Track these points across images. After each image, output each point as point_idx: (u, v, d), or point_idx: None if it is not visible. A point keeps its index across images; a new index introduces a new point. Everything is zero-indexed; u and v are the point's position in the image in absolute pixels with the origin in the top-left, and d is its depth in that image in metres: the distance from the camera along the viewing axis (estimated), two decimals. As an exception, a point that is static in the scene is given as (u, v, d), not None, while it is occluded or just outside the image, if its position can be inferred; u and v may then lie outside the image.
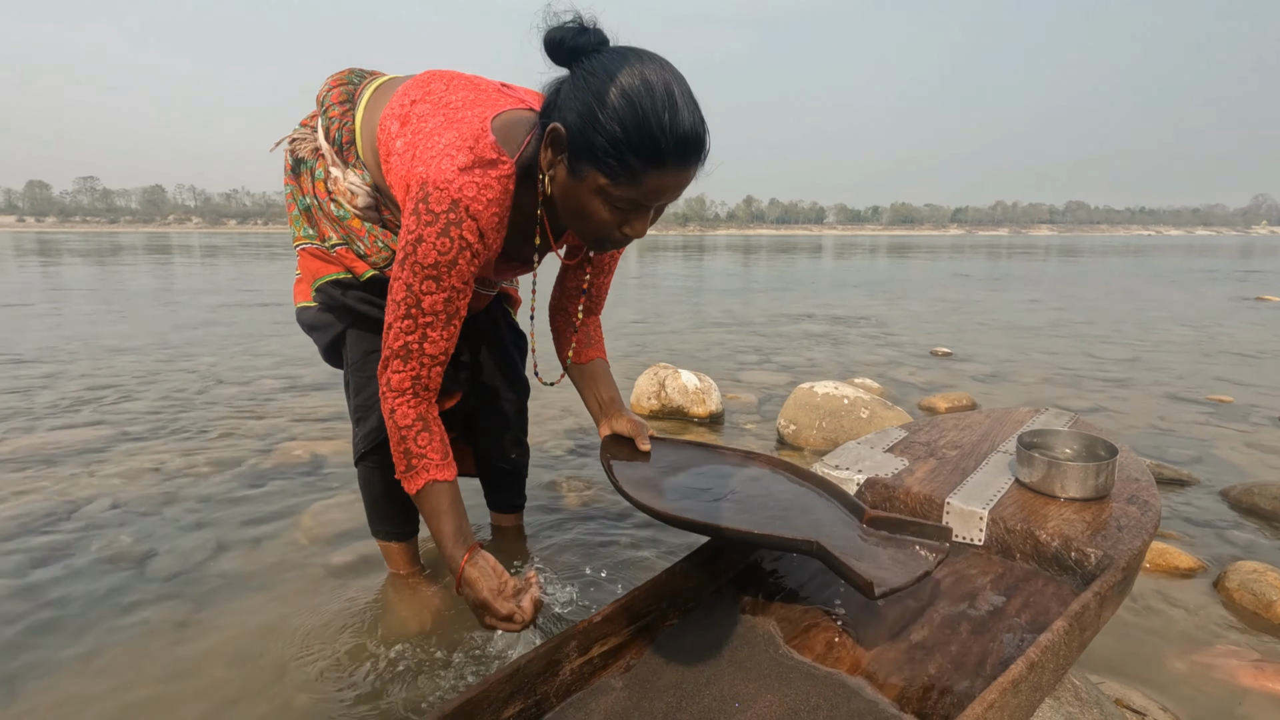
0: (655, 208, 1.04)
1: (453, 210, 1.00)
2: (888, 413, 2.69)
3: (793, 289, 10.16)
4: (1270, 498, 2.10)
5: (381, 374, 1.11)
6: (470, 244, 1.03)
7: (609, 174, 0.96)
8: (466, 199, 1.01)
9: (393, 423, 1.11)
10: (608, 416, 1.39)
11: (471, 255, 1.04)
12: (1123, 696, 1.22)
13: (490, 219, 1.04)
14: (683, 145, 0.95)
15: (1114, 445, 1.42)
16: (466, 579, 1.07)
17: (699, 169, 1.01)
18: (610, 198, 0.99)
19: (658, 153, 0.94)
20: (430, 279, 1.03)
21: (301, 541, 1.84)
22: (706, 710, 0.97)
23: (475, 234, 1.03)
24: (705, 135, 0.98)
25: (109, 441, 2.64)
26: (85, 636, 1.41)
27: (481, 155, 1.03)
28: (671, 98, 0.94)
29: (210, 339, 5.12)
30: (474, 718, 0.90)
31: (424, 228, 1.01)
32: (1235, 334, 5.82)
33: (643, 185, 0.97)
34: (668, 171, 0.96)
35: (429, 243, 1.01)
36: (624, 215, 1.02)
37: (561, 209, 1.07)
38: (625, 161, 0.95)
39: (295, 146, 1.35)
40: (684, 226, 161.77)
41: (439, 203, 1.00)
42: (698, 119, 0.97)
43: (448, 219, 1.00)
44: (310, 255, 1.37)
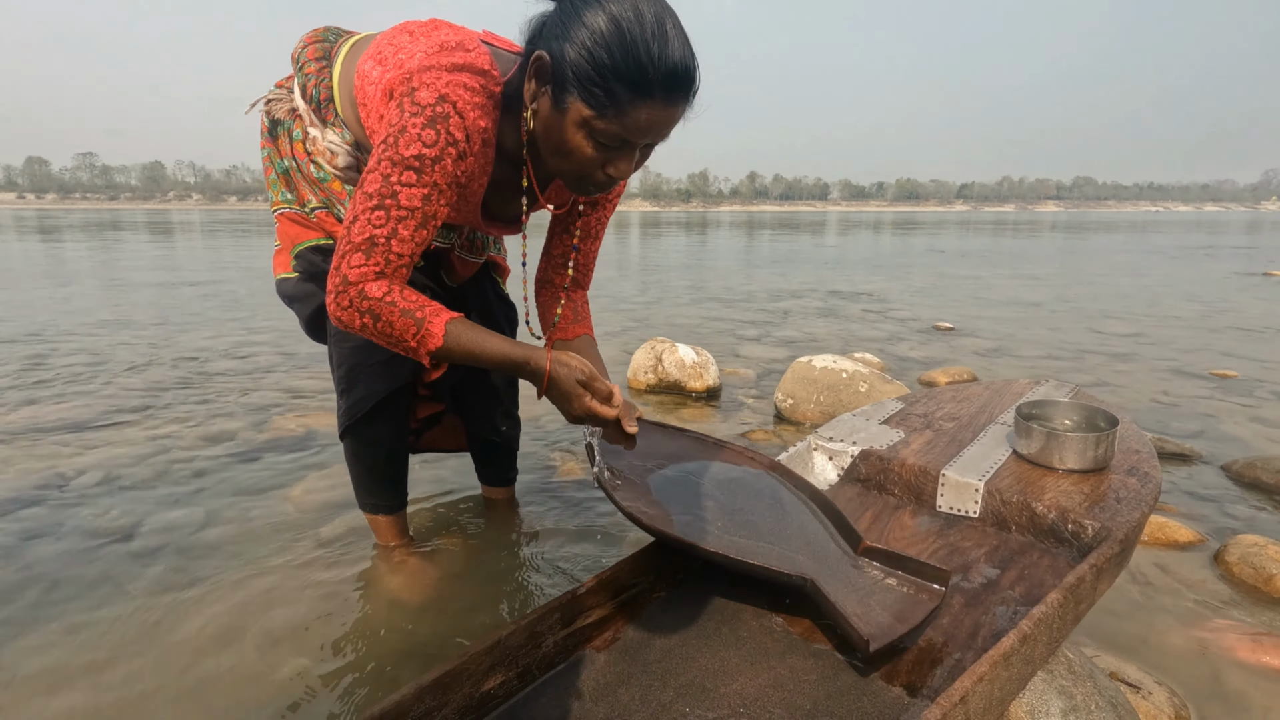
0: (641, 149, 1.00)
1: (440, 104, 0.95)
2: (887, 386, 2.66)
3: (795, 265, 10.07)
4: (1273, 471, 2.07)
5: (334, 273, 0.98)
6: (457, 142, 0.97)
7: (594, 104, 0.92)
8: (454, 95, 0.96)
9: (365, 306, 0.97)
10: None
11: (457, 155, 0.98)
12: (1118, 670, 1.20)
13: (477, 123, 0.99)
14: (671, 77, 0.91)
15: (1114, 416, 1.39)
16: (556, 375, 1.03)
17: (687, 107, 0.97)
18: (594, 132, 0.95)
19: (645, 83, 0.90)
20: (411, 170, 0.96)
21: (292, 514, 1.83)
22: (692, 683, 0.95)
23: (462, 131, 0.97)
24: (695, 70, 0.94)
25: (101, 415, 2.63)
26: (73, 608, 1.41)
27: (473, 62, 0.99)
28: (662, 27, 0.90)
29: (207, 314, 5.10)
30: (453, 690, 0.88)
31: (408, 118, 0.95)
32: (1242, 309, 5.75)
33: (628, 119, 0.93)
34: (654, 104, 0.92)
35: (412, 133, 0.95)
36: (608, 153, 0.98)
37: (544, 146, 1.02)
38: (611, 91, 0.91)
39: (271, 108, 1.30)
40: (687, 202, 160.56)
41: (427, 95, 0.95)
42: (688, 53, 0.93)
43: (435, 111, 0.95)
44: (289, 220, 1.33)
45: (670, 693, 0.93)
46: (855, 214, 72.41)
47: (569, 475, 2.09)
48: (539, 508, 1.86)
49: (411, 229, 0.99)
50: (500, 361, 1.04)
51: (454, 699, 0.87)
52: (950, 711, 0.76)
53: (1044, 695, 0.98)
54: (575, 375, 1.05)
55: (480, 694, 0.91)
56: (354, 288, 0.98)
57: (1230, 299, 6.39)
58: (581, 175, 1.02)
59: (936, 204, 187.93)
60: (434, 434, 1.72)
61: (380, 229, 0.97)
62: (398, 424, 1.46)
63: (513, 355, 1.04)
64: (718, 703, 0.91)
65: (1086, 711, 0.97)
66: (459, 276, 1.47)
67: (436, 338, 1.00)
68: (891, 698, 0.91)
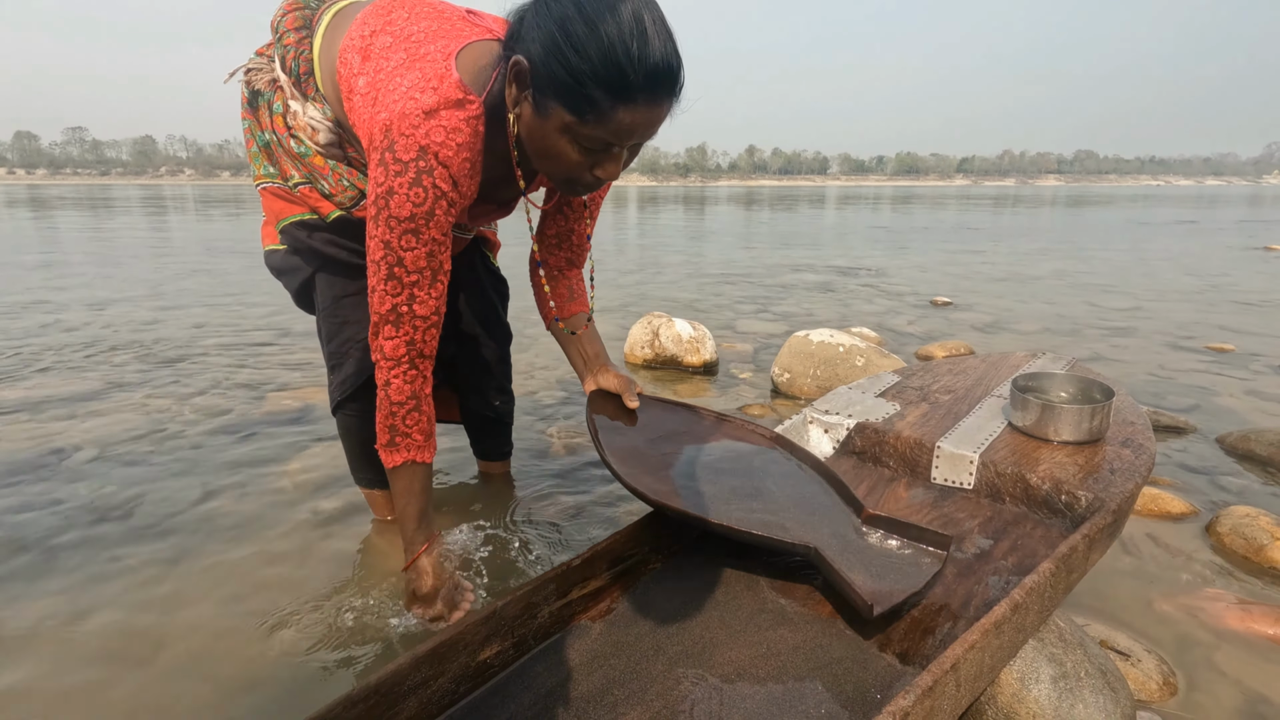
0: (628, 148, 0.97)
1: (421, 158, 0.94)
2: (884, 361, 2.66)
3: (793, 240, 10.01)
4: (1267, 444, 2.08)
5: (373, 341, 1.06)
6: (445, 193, 0.97)
7: (575, 110, 0.90)
8: (435, 145, 0.94)
9: (385, 395, 1.08)
10: (593, 372, 1.34)
11: (448, 205, 0.99)
12: (1108, 638, 1.22)
13: (462, 165, 0.98)
14: (653, 78, 0.88)
15: (1110, 388, 1.38)
16: (419, 567, 1.13)
17: (673, 104, 0.94)
18: (578, 136, 0.93)
19: (625, 86, 0.87)
20: (409, 233, 0.98)
21: (289, 488, 1.83)
22: (686, 653, 0.96)
23: (448, 182, 0.97)
24: (678, 67, 0.91)
25: (97, 391, 2.62)
26: (70, 581, 1.41)
27: (447, 96, 0.96)
28: (640, 25, 0.86)
29: (202, 289, 5.06)
30: (450, 659, 0.89)
31: (394, 179, 0.95)
32: (1241, 283, 5.74)
33: (611, 123, 0.90)
34: (637, 107, 0.89)
35: (401, 195, 0.95)
36: (594, 156, 0.96)
37: (529, 149, 1.01)
38: (591, 97, 0.88)
39: (251, 78, 1.26)
40: (685, 177, 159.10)
41: (406, 150, 0.94)
42: (670, 49, 0.89)
43: (418, 168, 0.94)
44: (272, 195, 1.31)
45: (664, 662, 0.94)
46: (855, 189, 71.88)
47: (564, 449, 2.10)
48: (534, 481, 1.86)
49: (426, 288, 1.03)
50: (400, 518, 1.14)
51: (450, 668, 0.88)
52: (942, 679, 0.77)
53: (1035, 662, 0.99)
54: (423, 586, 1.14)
55: (476, 663, 0.91)
56: (389, 367, 1.07)
57: (1229, 273, 6.37)
58: (569, 178, 1.01)
59: (936, 178, 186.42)
60: (427, 408, 1.72)
61: (398, 297, 1.02)
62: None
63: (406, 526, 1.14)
64: (711, 671, 0.92)
65: (1076, 679, 0.98)
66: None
67: (388, 463, 1.11)
68: (884, 665, 0.92)
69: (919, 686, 0.74)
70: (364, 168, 1.24)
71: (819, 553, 1.01)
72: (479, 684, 0.92)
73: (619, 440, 1.19)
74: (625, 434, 1.22)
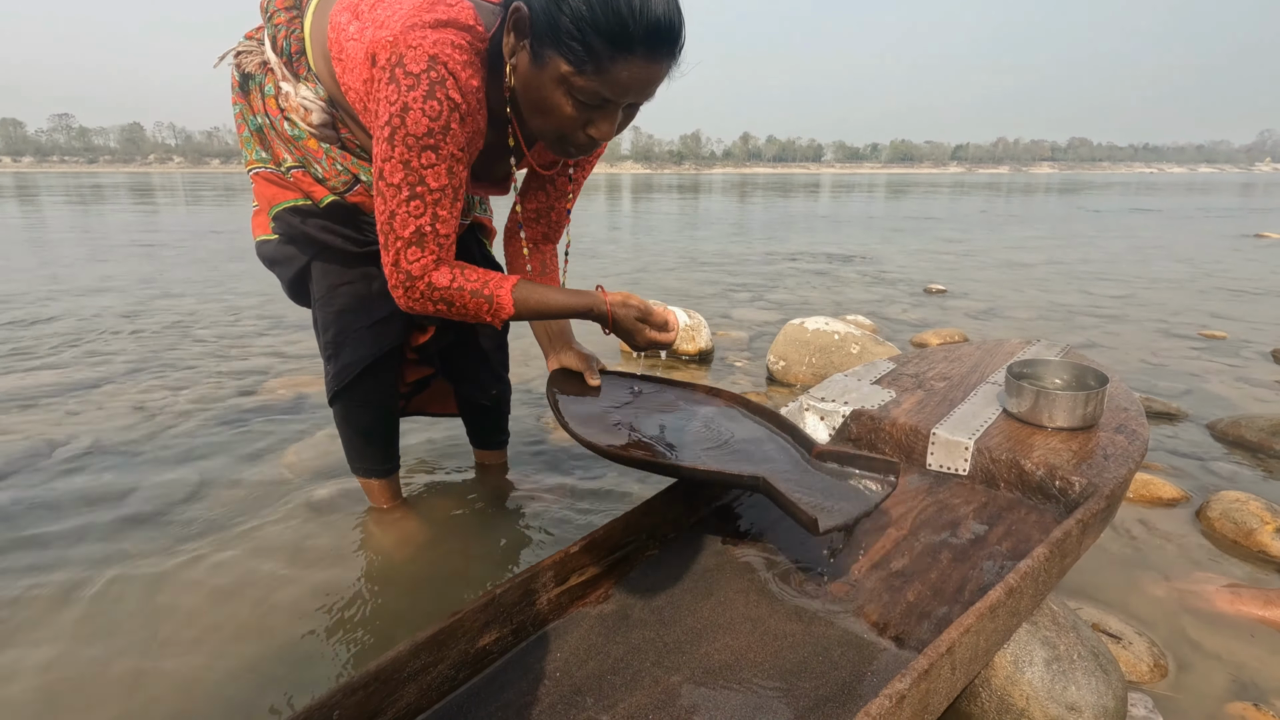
0: (625, 109, 0.97)
1: (432, 68, 0.91)
2: (879, 348, 2.66)
3: (788, 228, 10.00)
4: (1257, 430, 2.10)
5: (395, 270, 1.02)
6: (458, 105, 0.94)
7: (573, 60, 0.89)
8: (444, 55, 0.92)
9: (437, 296, 1.04)
10: (555, 350, 1.35)
11: (461, 117, 0.96)
12: (1100, 621, 1.23)
13: (469, 82, 0.95)
14: (653, 32, 0.87)
15: (1104, 375, 1.39)
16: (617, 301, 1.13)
17: (672, 65, 0.93)
18: (574, 89, 0.92)
19: (625, 37, 0.87)
20: (429, 149, 0.95)
21: (285, 478, 1.83)
22: (684, 639, 0.96)
23: (459, 94, 0.94)
24: (680, 25, 0.91)
25: (89, 382, 2.60)
26: (65, 574, 1.41)
27: (456, 17, 0.95)
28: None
29: (193, 279, 5.02)
30: (449, 646, 0.89)
31: (407, 94, 0.92)
32: (1233, 270, 5.77)
33: (608, 76, 0.90)
34: (635, 61, 0.89)
35: (417, 110, 0.92)
36: (589, 112, 0.95)
37: (523, 102, 0.99)
38: (590, 45, 0.87)
39: (241, 60, 1.25)
40: (679, 165, 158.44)
41: (416, 61, 0.91)
42: (673, 6, 0.89)
43: (430, 79, 0.92)
44: (265, 180, 1.29)
45: (662, 648, 0.95)
46: (849, 177, 71.75)
47: (561, 438, 2.10)
48: (531, 470, 1.87)
49: (448, 206, 1.02)
50: (566, 312, 1.12)
51: (449, 655, 0.89)
52: (937, 662, 0.77)
53: (1028, 646, 1.00)
54: (633, 313, 1.14)
55: (475, 650, 0.92)
56: (421, 281, 1.03)
57: (1221, 260, 6.40)
58: (562, 135, 1.00)
59: (931, 166, 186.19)
60: (423, 398, 1.71)
61: (422, 218, 0.99)
62: (387, 388, 1.45)
63: (576, 305, 1.12)
64: (708, 657, 0.93)
65: (1069, 661, 1.00)
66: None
67: (507, 308, 1.07)
68: (880, 649, 0.92)
69: (915, 670, 0.75)
70: (358, 151, 1.23)
71: (767, 481, 1.02)
72: (478, 670, 0.92)
73: (578, 409, 1.22)
74: (585, 404, 1.24)
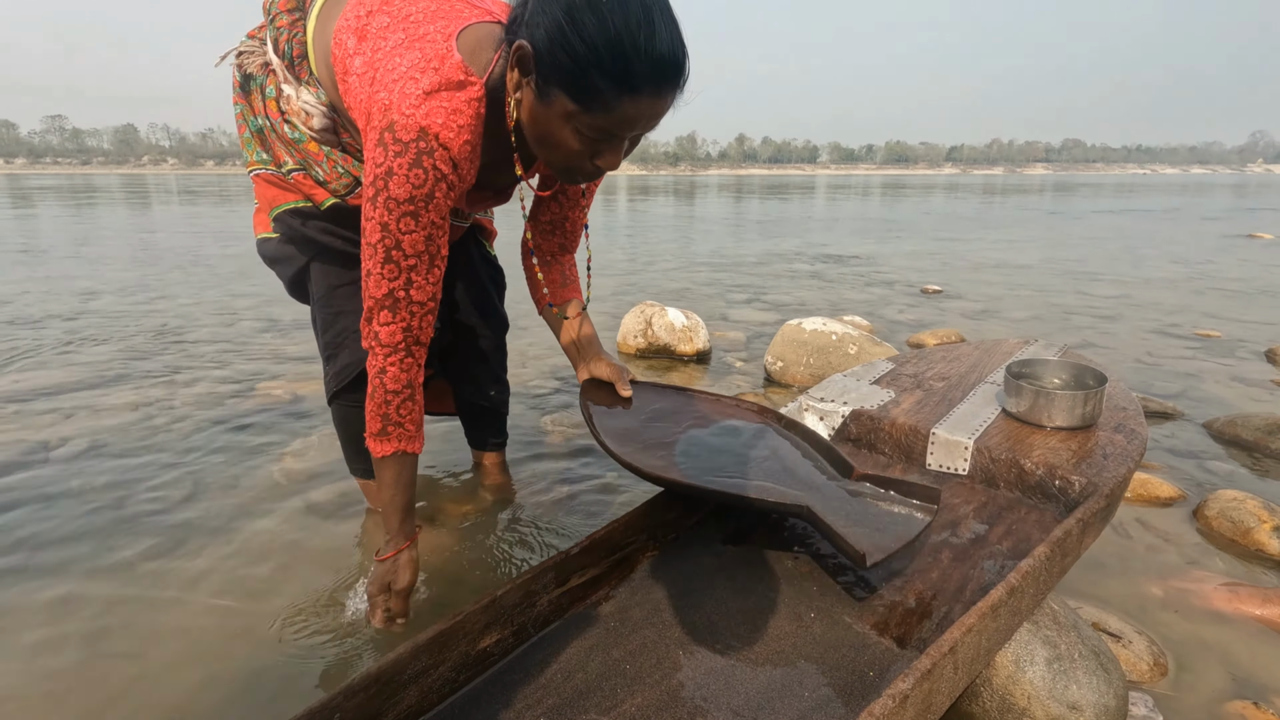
0: (630, 138, 0.97)
1: (422, 139, 0.93)
2: (876, 349, 2.67)
3: (784, 229, 10.01)
4: (1253, 429, 2.11)
5: (367, 327, 1.04)
6: (445, 175, 0.96)
7: (578, 99, 0.89)
8: (435, 126, 0.93)
9: (380, 383, 1.05)
10: (585, 360, 1.34)
11: (448, 187, 0.97)
12: (1100, 620, 1.23)
13: (463, 148, 0.97)
14: (659, 70, 0.87)
15: (1103, 374, 1.40)
16: (400, 561, 1.12)
17: (677, 97, 0.93)
18: (580, 125, 0.92)
19: (630, 77, 0.86)
20: (408, 215, 0.96)
21: (281, 480, 1.82)
22: (684, 639, 0.96)
23: (448, 164, 0.95)
24: (685, 60, 0.90)
25: (84, 384, 2.59)
26: (61, 578, 1.40)
27: (448, 78, 0.95)
28: (648, 14, 0.85)
29: (189, 280, 5.00)
30: (450, 647, 0.89)
31: (393, 159, 0.93)
32: (1227, 270, 5.80)
33: (614, 113, 0.89)
34: (641, 98, 0.88)
35: (400, 176, 0.94)
36: (595, 145, 0.95)
37: (529, 135, 0.99)
38: (595, 86, 0.87)
39: (243, 61, 1.24)
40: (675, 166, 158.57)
41: (406, 131, 0.93)
42: (677, 42, 0.88)
43: (418, 149, 0.93)
44: (265, 181, 1.29)
45: (663, 648, 0.94)
46: (845, 178, 71.88)
47: (560, 439, 2.09)
48: (530, 471, 1.86)
49: (424, 273, 1.01)
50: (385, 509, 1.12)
51: (451, 656, 0.88)
52: (940, 661, 0.77)
53: (1029, 645, 1.00)
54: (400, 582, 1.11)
55: (477, 651, 0.91)
56: (384, 354, 1.05)
57: (1215, 260, 6.43)
58: (568, 166, 1.00)
59: (926, 167, 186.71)
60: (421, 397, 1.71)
61: (395, 281, 1.00)
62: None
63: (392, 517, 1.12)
64: (710, 657, 0.92)
65: (1070, 660, 1.00)
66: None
67: (377, 452, 1.09)
68: (883, 649, 0.92)
69: (917, 669, 0.75)
70: (359, 154, 1.22)
71: (811, 510, 1.02)
72: (479, 672, 0.92)
73: (612, 423, 1.21)
74: (619, 417, 1.24)
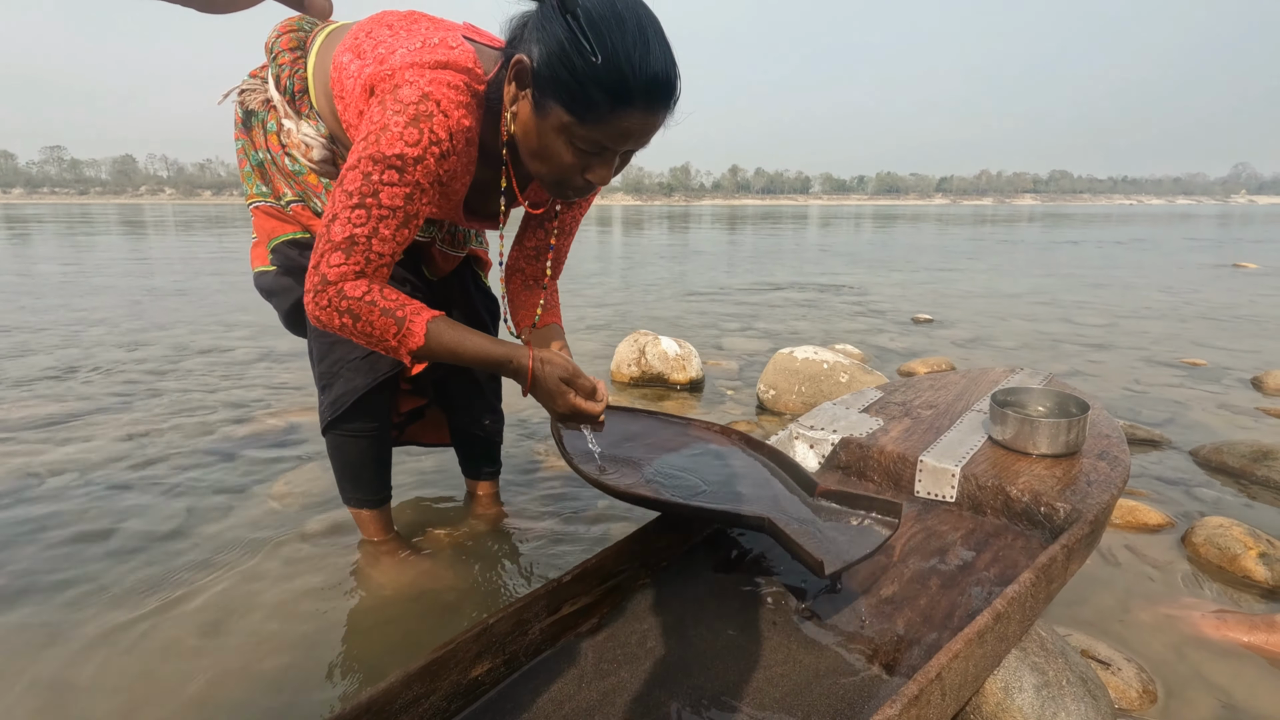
0: (621, 154, 1.01)
1: (424, 102, 0.94)
2: (867, 377, 2.69)
3: (777, 259, 10.13)
4: (1239, 456, 2.13)
5: (310, 274, 0.97)
6: (440, 140, 0.96)
7: (574, 111, 0.93)
8: (438, 94, 0.95)
9: (344, 305, 0.97)
10: None
11: (440, 155, 0.98)
12: (1089, 647, 1.24)
13: (460, 122, 0.98)
14: (652, 86, 0.92)
15: (1085, 402, 1.42)
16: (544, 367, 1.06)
17: (668, 115, 0.97)
18: (574, 137, 0.96)
19: (625, 91, 0.90)
20: (393, 169, 0.95)
21: (275, 509, 1.82)
22: (675, 667, 0.97)
23: (445, 131, 0.96)
24: (676, 78, 0.95)
25: (78, 413, 2.59)
26: (50, 610, 1.39)
27: (456, 60, 0.98)
28: (644, 34, 0.90)
29: (184, 310, 5.02)
30: (441, 677, 0.89)
31: (391, 116, 0.94)
32: (1212, 299, 5.89)
33: (608, 126, 0.94)
34: (634, 112, 0.93)
35: (395, 131, 0.94)
36: (587, 158, 0.99)
37: (523, 148, 1.03)
38: (591, 99, 0.91)
39: (245, 98, 1.29)
40: (670, 196, 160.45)
41: (409, 93, 0.94)
42: (669, 61, 0.94)
43: (418, 109, 0.94)
44: (265, 214, 1.32)
45: (654, 677, 0.95)
46: (836, 208, 72.84)
47: (553, 468, 2.10)
48: (523, 500, 1.87)
49: (393, 228, 0.98)
50: (482, 359, 1.04)
51: (442, 686, 0.88)
52: (927, 688, 0.78)
53: (1018, 672, 1.01)
54: (558, 373, 1.07)
55: (468, 680, 0.92)
56: (333, 287, 0.97)
57: (1201, 290, 6.53)
58: (560, 180, 1.03)
59: (916, 197, 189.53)
60: (417, 428, 1.72)
61: (361, 228, 0.96)
62: (380, 419, 1.46)
63: (494, 353, 1.05)
64: (701, 686, 0.93)
65: (1058, 687, 1.00)
66: (440, 270, 1.47)
67: (418, 336, 1.00)
68: (870, 676, 0.93)
69: (905, 696, 0.76)
70: None
71: (772, 522, 1.03)
72: (470, 701, 0.92)
73: (582, 444, 1.23)
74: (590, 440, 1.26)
